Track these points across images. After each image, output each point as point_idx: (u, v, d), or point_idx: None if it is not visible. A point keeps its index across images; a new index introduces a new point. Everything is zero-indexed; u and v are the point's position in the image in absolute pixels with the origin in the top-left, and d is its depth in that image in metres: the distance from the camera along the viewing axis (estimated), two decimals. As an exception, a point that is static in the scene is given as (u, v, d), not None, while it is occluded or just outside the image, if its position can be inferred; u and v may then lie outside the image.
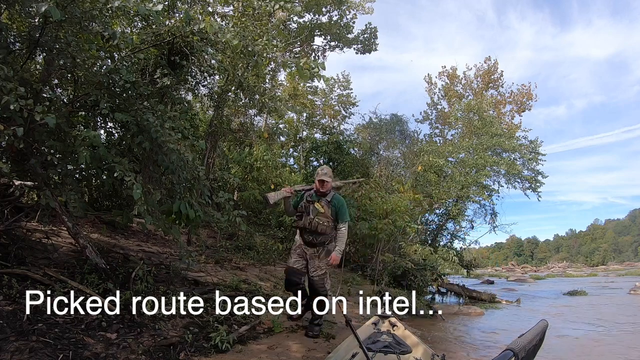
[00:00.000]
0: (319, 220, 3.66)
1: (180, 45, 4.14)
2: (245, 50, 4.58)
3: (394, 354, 2.21)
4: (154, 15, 3.19)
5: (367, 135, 11.95)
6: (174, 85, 4.51)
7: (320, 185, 3.68)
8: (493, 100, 17.29)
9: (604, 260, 64.39)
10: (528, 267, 48.81)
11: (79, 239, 3.56)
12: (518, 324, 7.49)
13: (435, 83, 19.51)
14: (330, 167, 4.44)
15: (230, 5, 6.30)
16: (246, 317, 3.91)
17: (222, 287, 4.45)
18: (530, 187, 13.66)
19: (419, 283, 8.93)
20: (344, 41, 10.68)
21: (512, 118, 18.62)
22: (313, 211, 3.67)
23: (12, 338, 2.40)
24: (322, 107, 15.78)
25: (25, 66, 3.32)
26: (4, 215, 3.27)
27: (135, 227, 5.87)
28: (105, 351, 2.67)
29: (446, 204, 12.14)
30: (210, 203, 3.94)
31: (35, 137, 3.03)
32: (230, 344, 3.21)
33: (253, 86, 6.76)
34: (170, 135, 3.28)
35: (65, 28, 3.12)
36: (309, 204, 3.72)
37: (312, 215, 3.66)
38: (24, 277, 3.07)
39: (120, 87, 3.53)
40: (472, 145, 12.65)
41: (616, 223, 78.66)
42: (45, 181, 3.17)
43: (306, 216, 3.70)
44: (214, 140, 8.02)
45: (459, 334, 6.51)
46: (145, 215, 3.14)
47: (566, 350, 5.22)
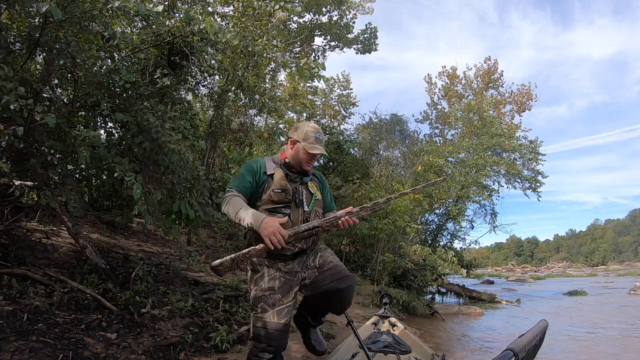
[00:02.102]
0: (317, 212, 2.05)
1: (181, 46, 4.13)
2: (246, 50, 4.58)
3: (394, 354, 2.22)
4: (154, 16, 3.19)
5: (367, 135, 11.96)
6: (174, 86, 4.50)
7: (310, 159, 2.00)
8: (493, 100, 17.27)
9: (604, 260, 64.42)
10: (528, 267, 48.84)
11: (79, 239, 3.56)
12: (518, 324, 7.49)
13: (435, 83, 19.53)
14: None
15: (230, 6, 6.29)
16: (246, 317, 3.91)
17: (222, 287, 4.45)
18: (530, 187, 13.66)
19: (419, 283, 8.94)
20: (344, 41, 10.69)
21: (512, 118, 18.64)
22: (308, 199, 2.01)
23: (12, 338, 2.40)
24: (322, 107, 15.78)
25: (25, 66, 3.32)
26: (4, 215, 3.27)
27: (135, 227, 5.87)
28: (105, 351, 2.67)
29: (446, 204, 12.12)
30: (210, 203, 3.94)
31: (36, 137, 3.03)
32: (230, 344, 3.21)
33: (253, 86, 6.75)
34: (171, 135, 3.28)
35: (65, 28, 3.12)
36: (297, 187, 1.99)
37: (307, 206, 1.99)
38: (24, 277, 3.07)
39: (121, 87, 3.53)
40: (472, 145, 12.64)
41: (616, 223, 78.65)
42: (45, 181, 3.17)
43: (297, 209, 1.95)
44: (214, 140, 8.02)
45: (459, 334, 6.51)
46: (146, 215, 3.14)
47: (566, 350, 5.22)
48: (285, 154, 2.04)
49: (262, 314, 1.83)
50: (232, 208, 1.81)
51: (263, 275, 1.90)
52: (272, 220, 1.71)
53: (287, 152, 2.03)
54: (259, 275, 1.91)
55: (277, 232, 1.67)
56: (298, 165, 1.99)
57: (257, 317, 1.84)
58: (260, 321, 1.83)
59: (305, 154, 1.95)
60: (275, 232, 1.67)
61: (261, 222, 1.70)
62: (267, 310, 1.83)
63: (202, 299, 4.00)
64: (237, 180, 1.93)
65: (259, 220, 1.71)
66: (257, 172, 1.94)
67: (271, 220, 1.71)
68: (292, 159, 1.99)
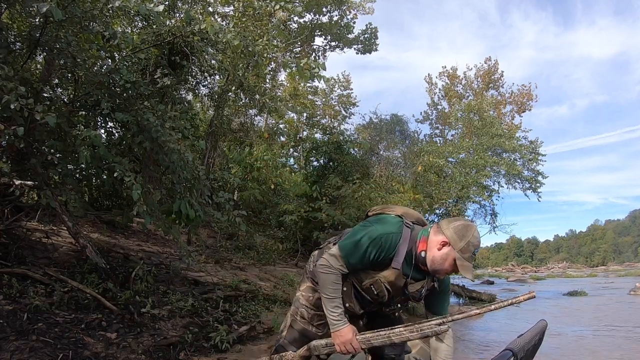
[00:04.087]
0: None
1: (181, 45, 4.14)
2: (246, 51, 4.58)
3: (394, 354, 2.21)
4: (154, 15, 3.20)
5: (368, 135, 11.94)
6: (175, 85, 4.51)
7: (449, 272, 1.58)
8: (493, 101, 17.28)
9: (604, 260, 64.41)
10: (528, 268, 48.75)
11: (79, 238, 3.56)
12: (517, 324, 7.48)
13: (435, 83, 19.55)
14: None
15: (230, 6, 6.30)
16: (246, 317, 3.91)
17: (222, 287, 4.45)
18: (530, 187, 13.65)
19: (419, 283, 8.92)
20: (345, 41, 10.69)
21: (512, 118, 18.66)
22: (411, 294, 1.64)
23: (12, 337, 2.40)
24: (322, 107, 15.79)
25: (25, 66, 3.32)
26: (4, 214, 3.27)
27: (135, 227, 5.88)
28: (105, 351, 2.67)
29: (446, 204, 12.11)
30: (210, 203, 3.94)
31: (36, 137, 3.03)
32: (230, 344, 3.21)
33: (253, 86, 6.76)
34: (171, 135, 3.28)
35: (65, 28, 3.12)
36: (407, 282, 1.62)
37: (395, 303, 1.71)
38: (24, 276, 3.08)
39: (121, 87, 3.53)
40: (472, 145, 12.64)
41: (616, 224, 78.64)
42: (46, 181, 3.17)
43: (389, 298, 1.65)
44: (214, 140, 8.03)
45: (458, 334, 6.50)
46: (145, 215, 3.14)
47: (565, 350, 5.21)
48: (426, 246, 1.54)
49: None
50: (331, 291, 1.56)
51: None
52: (348, 331, 1.54)
53: (430, 246, 1.53)
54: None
55: (348, 344, 1.52)
56: (433, 271, 1.55)
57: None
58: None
59: (452, 267, 1.50)
60: (347, 343, 1.52)
61: (339, 329, 1.53)
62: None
63: (202, 298, 4.00)
64: (356, 256, 1.54)
65: (338, 326, 1.54)
66: (384, 257, 1.55)
67: (348, 331, 1.54)
68: (432, 261, 1.52)
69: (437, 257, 1.51)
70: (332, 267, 1.56)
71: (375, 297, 1.61)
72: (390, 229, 1.56)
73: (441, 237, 1.51)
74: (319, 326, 1.70)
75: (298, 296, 1.80)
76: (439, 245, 1.51)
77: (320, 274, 1.58)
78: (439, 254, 1.50)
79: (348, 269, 1.56)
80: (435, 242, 1.51)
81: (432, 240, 1.53)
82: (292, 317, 1.78)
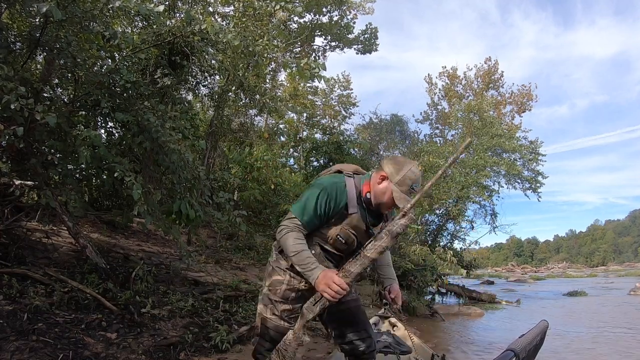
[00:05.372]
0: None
1: (181, 45, 4.14)
2: (246, 51, 4.58)
3: (394, 354, 2.22)
4: (154, 15, 3.19)
5: (368, 135, 11.96)
6: (175, 85, 4.50)
7: (391, 207, 1.68)
8: (493, 101, 17.27)
9: (604, 261, 64.45)
10: (528, 268, 48.80)
11: (79, 238, 3.56)
12: (518, 324, 7.48)
13: (435, 83, 19.53)
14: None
15: (231, 6, 6.30)
16: (246, 317, 3.91)
17: (222, 287, 4.45)
18: (530, 187, 13.66)
19: (419, 283, 8.93)
20: (345, 41, 10.71)
21: (512, 119, 18.65)
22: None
23: (12, 337, 2.40)
24: (322, 107, 15.78)
25: (25, 66, 3.32)
26: (4, 214, 3.27)
27: (136, 227, 5.87)
28: (105, 351, 2.67)
29: (446, 204, 12.12)
30: (211, 203, 3.94)
31: (36, 137, 3.03)
32: (230, 344, 3.21)
33: (253, 86, 6.75)
34: (171, 135, 3.28)
35: (65, 28, 3.12)
36: (368, 224, 1.72)
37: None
38: (24, 276, 3.07)
39: (121, 87, 3.53)
40: (472, 145, 12.64)
41: (616, 224, 78.67)
42: (46, 181, 3.17)
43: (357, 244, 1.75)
44: (214, 140, 8.02)
45: (459, 335, 6.51)
46: (145, 215, 3.14)
47: (566, 350, 5.21)
48: (369, 186, 1.65)
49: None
50: (297, 247, 1.54)
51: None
52: (326, 272, 1.50)
53: (372, 183, 1.64)
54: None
55: (332, 284, 1.46)
56: (376, 205, 1.65)
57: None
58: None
59: (391, 200, 1.58)
60: (330, 284, 1.46)
61: (317, 275, 1.50)
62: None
63: (202, 298, 4.00)
64: (308, 212, 1.58)
65: (314, 273, 1.51)
66: (336, 207, 1.60)
67: (325, 272, 1.50)
68: (374, 196, 1.63)
69: (377, 190, 1.61)
70: (289, 226, 1.59)
71: (344, 246, 1.65)
72: (332, 179, 1.66)
73: (381, 172, 1.62)
74: (289, 320, 1.69)
75: (265, 292, 1.74)
76: (379, 180, 1.61)
77: (281, 239, 1.59)
78: (379, 187, 1.61)
79: (306, 228, 1.60)
80: (376, 178, 1.63)
81: (373, 178, 1.64)
82: (261, 316, 1.75)
